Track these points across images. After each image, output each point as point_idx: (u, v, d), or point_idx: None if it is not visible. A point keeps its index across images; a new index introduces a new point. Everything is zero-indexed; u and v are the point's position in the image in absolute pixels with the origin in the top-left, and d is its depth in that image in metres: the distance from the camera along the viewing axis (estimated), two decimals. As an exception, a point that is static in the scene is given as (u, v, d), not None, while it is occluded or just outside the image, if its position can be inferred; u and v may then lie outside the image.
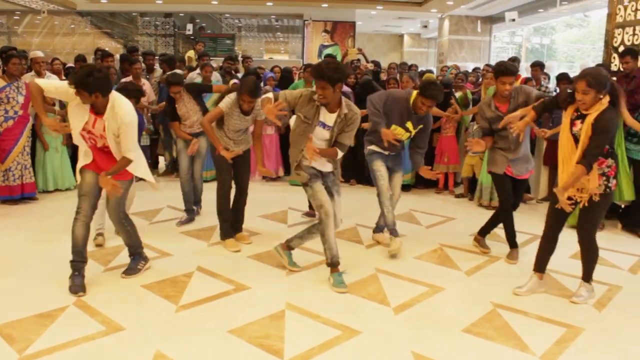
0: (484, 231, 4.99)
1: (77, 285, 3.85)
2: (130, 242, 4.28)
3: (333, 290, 4.05)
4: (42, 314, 3.53)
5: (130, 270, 4.22)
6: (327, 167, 4.22)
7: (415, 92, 4.74)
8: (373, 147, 4.92)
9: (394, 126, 4.75)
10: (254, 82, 4.78)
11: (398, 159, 5.00)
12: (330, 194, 4.19)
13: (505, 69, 4.50)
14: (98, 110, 3.77)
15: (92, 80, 3.58)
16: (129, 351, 3.13)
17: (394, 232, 4.82)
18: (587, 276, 3.98)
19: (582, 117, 3.70)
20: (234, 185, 5.11)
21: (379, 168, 4.86)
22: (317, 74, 3.87)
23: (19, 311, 3.55)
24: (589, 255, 3.95)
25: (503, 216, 4.76)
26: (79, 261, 3.93)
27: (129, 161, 3.89)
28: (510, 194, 4.69)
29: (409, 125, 4.77)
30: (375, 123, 4.74)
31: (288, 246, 4.46)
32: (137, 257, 4.30)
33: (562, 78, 6.98)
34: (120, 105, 3.77)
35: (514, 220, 4.77)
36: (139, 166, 4.11)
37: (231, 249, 4.90)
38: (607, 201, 3.86)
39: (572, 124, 3.76)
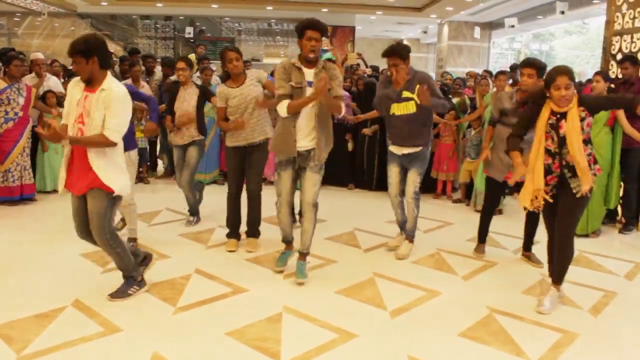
0: (528, 245, 4.91)
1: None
2: (122, 265, 3.87)
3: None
4: (41, 314, 3.54)
5: (118, 293, 3.83)
6: (309, 143, 4.18)
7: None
8: (389, 148, 4.94)
9: (395, 105, 4.70)
10: (227, 47, 4.94)
11: (416, 157, 4.82)
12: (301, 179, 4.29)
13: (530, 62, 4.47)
14: (92, 85, 3.55)
15: (89, 44, 3.47)
16: (127, 352, 3.14)
17: (408, 235, 4.94)
18: (558, 277, 3.93)
19: (562, 118, 3.68)
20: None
21: (391, 175, 4.95)
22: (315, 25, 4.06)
23: (18, 311, 3.56)
24: (565, 253, 3.87)
25: (486, 218, 4.86)
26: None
27: (106, 140, 3.49)
28: (499, 200, 4.73)
29: (407, 93, 4.67)
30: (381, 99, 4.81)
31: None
32: (131, 280, 3.92)
33: None
34: (112, 85, 3.54)
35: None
36: (119, 178, 3.66)
37: (227, 247, 4.96)
38: (590, 191, 3.79)
39: (546, 137, 3.74)
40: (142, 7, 16.85)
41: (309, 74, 4.13)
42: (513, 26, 13.82)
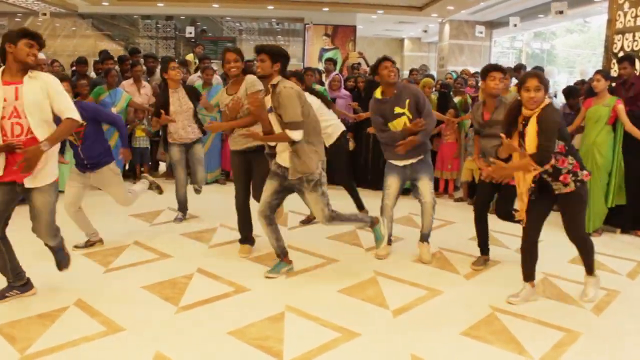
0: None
1: None
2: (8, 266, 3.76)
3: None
4: (43, 314, 3.55)
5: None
6: (284, 162, 4.17)
7: (379, 88, 4.76)
8: (389, 159, 4.82)
9: (390, 124, 4.66)
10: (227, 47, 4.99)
11: (421, 165, 4.76)
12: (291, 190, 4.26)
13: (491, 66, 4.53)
14: (12, 78, 3.40)
15: (7, 33, 3.43)
16: (129, 352, 3.15)
17: (426, 238, 4.91)
18: (589, 269, 4.07)
19: (527, 124, 3.71)
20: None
21: (390, 184, 4.80)
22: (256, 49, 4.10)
23: (20, 311, 3.57)
24: (586, 249, 4.01)
25: (479, 226, 4.79)
26: None
27: (75, 122, 3.49)
28: (488, 205, 4.75)
29: (398, 109, 4.62)
30: (385, 139, 4.73)
31: None
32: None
33: (570, 94, 6.76)
34: (37, 72, 3.47)
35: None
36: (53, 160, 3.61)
37: (240, 253, 4.89)
38: (581, 193, 3.81)
39: (518, 144, 3.77)
40: (143, 7, 16.85)
41: (267, 100, 4.14)
42: (515, 25, 13.80)
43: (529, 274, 4.04)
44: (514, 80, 7.21)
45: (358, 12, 16.87)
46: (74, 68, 8.76)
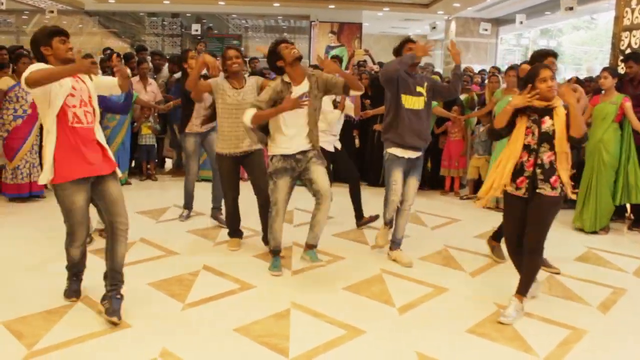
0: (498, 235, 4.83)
1: (73, 291, 3.79)
2: (123, 262, 3.67)
3: (269, 272, 4.36)
4: (50, 310, 3.56)
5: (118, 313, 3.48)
6: (305, 145, 4.20)
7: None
8: (393, 151, 4.61)
9: (408, 97, 4.55)
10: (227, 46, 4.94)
11: (418, 163, 4.70)
12: (309, 175, 4.20)
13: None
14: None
15: (36, 37, 3.38)
16: (136, 348, 3.16)
17: (399, 243, 4.83)
18: (524, 289, 3.71)
19: (544, 114, 3.64)
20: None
21: (396, 180, 4.62)
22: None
23: (27, 308, 3.59)
24: (534, 265, 3.72)
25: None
26: (78, 271, 3.81)
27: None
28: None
29: (419, 88, 4.57)
30: (395, 63, 4.53)
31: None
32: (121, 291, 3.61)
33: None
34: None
35: None
36: None
37: (230, 246, 4.96)
38: (559, 205, 3.69)
39: (526, 132, 3.67)
40: (149, 4, 16.87)
41: (299, 88, 4.15)
42: (521, 22, 13.75)
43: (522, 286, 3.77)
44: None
45: (364, 10, 16.85)
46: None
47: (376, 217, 5.66)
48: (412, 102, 4.57)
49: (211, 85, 4.73)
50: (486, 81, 7.63)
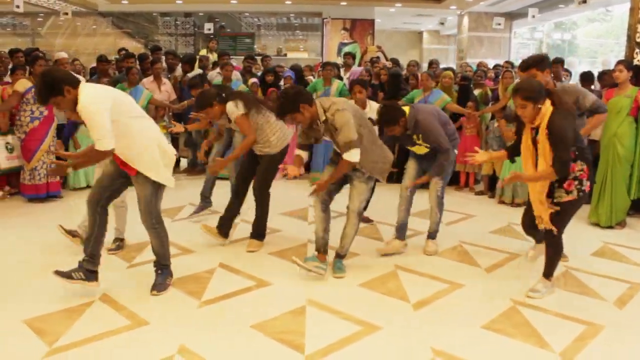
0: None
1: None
2: (160, 251, 4.03)
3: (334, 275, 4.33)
4: (70, 308, 3.62)
5: (160, 286, 3.94)
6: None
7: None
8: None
9: (412, 148, 4.78)
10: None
11: (434, 161, 4.72)
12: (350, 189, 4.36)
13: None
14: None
15: (45, 81, 3.44)
16: (154, 345, 3.21)
17: (400, 233, 4.90)
18: (547, 272, 3.97)
19: (537, 133, 3.72)
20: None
21: (408, 165, 4.91)
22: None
23: (48, 306, 3.65)
24: (554, 250, 3.93)
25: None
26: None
27: (98, 152, 3.50)
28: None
29: (416, 137, 4.61)
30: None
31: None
32: (165, 271, 4.04)
33: (585, 79, 6.93)
34: (82, 94, 3.45)
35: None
36: (141, 162, 3.77)
37: (208, 233, 5.03)
38: (579, 204, 3.83)
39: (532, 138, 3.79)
40: (162, 4, 16.95)
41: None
42: (533, 16, 13.62)
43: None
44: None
45: (376, 6, 16.80)
46: (92, 66, 8.86)
47: (369, 221, 5.71)
48: (417, 149, 4.74)
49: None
50: (500, 76, 7.58)
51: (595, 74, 7.34)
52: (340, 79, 8.24)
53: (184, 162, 8.64)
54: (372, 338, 3.35)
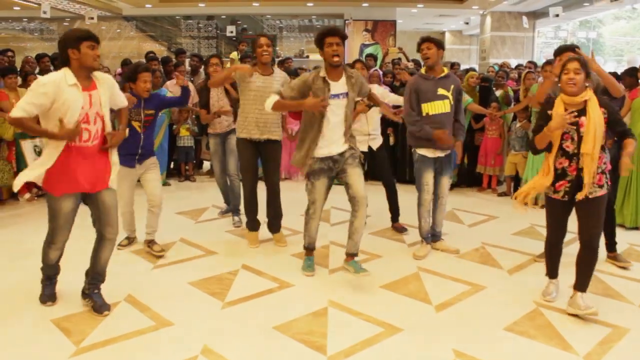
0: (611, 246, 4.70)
1: (47, 296, 3.80)
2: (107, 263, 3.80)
3: (302, 272, 4.40)
4: (96, 309, 3.69)
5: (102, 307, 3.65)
6: (342, 147, 4.17)
7: (423, 68, 4.78)
8: (422, 152, 4.68)
9: (430, 104, 4.57)
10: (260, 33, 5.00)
11: (447, 160, 4.76)
12: (345, 178, 4.18)
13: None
14: (82, 83, 3.36)
15: (64, 38, 3.35)
16: (178, 345, 3.25)
17: (427, 239, 4.89)
18: (583, 285, 3.66)
19: (580, 114, 3.49)
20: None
21: (427, 182, 4.70)
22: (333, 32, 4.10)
23: (74, 306, 3.73)
24: (593, 260, 3.63)
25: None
26: (52, 275, 3.83)
27: (126, 108, 3.82)
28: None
29: (443, 91, 4.58)
30: (416, 131, 4.60)
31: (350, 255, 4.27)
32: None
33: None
34: (97, 72, 3.49)
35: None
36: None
37: (250, 244, 5.02)
38: (607, 198, 3.68)
39: (564, 137, 3.55)
40: (184, 7, 17.15)
41: (337, 85, 4.10)
42: (557, 15, 13.47)
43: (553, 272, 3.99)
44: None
45: (398, 7, 16.77)
46: (118, 71, 8.99)
47: (404, 230, 5.55)
48: (436, 107, 4.60)
49: (234, 78, 4.78)
50: (523, 75, 7.50)
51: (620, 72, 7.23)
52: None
53: (207, 165, 8.72)
54: (394, 340, 3.36)
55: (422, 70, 4.73)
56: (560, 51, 4.33)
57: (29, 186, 6.70)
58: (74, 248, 4.92)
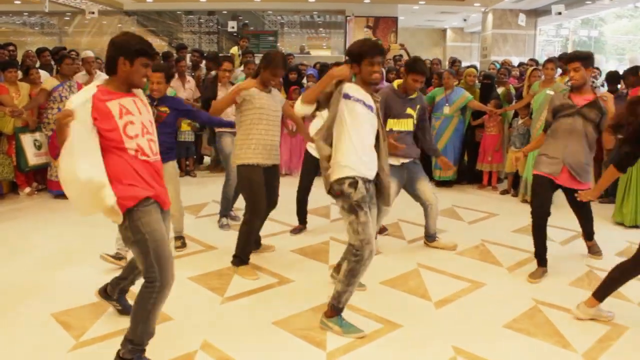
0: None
1: None
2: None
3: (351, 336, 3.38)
4: (96, 303, 3.67)
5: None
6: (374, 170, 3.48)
7: (396, 81, 4.81)
8: (390, 161, 4.42)
9: (396, 121, 4.61)
10: (283, 54, 4.47)
11: (415, 166, 4.76)
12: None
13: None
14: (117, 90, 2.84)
15: (121, 44, 2.83)
16: (178, 340, 3.26)
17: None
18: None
19: None
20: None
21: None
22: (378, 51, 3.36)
23: (74, 300, 3.73)
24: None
25: (538, 232, 4.34)
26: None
27: None
28: (549, 203, 4.33)
29: (410, 110, 4.67)
30: None
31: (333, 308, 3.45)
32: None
33: (610, 80, 6.86)
34: None
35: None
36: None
37: (249, 277, 4.23)
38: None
39: None
40: (185, 2, 17.16)
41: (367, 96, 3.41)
42: (560, 13, 13.45)
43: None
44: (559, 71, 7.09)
45: (399, 3, 16.76)
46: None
47: (384, 231, 5.40)
48: (400, 125, 4.67)
49: (235, 100, 4.23)
50: (527, 74, 7.47)
51: (622, 71, 7.23)
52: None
53: (207, 160, 8.72)
54: (393, 336, 3.36)
55: (395, 85, 4.74)
56: (569, 58, 4.30)
57: (29, 180, 6.71)
58: (74, 244, 4.94)
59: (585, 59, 4.17)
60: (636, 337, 3.38)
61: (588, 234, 4.73)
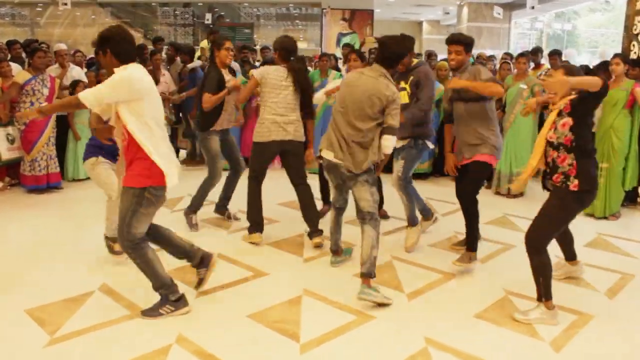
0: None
1: None
2: (150, 279, 3.54)
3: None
4: (70, 298, 3.69)
5: (149, 311, 3.50)
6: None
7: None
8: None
9: None
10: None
11: (408, 151, 4.76)
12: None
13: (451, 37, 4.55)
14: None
15: (101, 36, 3.41)
16: (153, 334, 3.27)
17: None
18: (544, 293, 3.52)
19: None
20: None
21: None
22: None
23: (49, 296, 3.72)
24: (543, 264, 3.47)
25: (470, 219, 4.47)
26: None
27: (76, 98, 3.28)
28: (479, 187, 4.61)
29: (402, 84, 4.69)
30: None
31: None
32: (164, 299, 3.53)
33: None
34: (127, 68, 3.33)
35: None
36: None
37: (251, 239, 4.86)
38: (567, 202, 3.48)
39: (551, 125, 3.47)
40: (161, -6, 17.01)
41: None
42: (533, 7, 13.61)
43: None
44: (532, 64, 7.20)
45: (376, -4, 16.80)
46: (90, 57, 8.85)
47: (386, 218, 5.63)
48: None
49: (257, 80, 4.74)
50: (497, 66, 7.59)
51: (592, 66, 7.36)
52: (338, 70, 8.24)
53: (182, 153, 8.68)
54: (366, 327, 3.42)
55: None
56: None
57: (1, 175, 6.63)
58: (48, 240, 4.91)
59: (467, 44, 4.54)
60: (601, 326, 3.48)
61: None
